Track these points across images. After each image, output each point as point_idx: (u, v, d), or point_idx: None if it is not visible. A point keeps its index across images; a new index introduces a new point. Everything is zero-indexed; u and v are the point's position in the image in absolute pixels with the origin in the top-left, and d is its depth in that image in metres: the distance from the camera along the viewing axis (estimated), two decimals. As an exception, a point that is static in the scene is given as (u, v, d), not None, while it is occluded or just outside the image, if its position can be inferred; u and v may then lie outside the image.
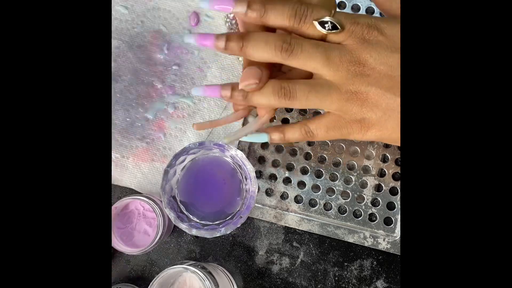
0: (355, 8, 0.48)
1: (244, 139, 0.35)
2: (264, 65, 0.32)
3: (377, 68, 0.30)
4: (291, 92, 0.31)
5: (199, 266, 0.38)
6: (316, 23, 0.30)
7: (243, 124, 0.46)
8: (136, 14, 0.48)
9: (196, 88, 0.33)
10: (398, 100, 0.30)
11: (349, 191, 0.46)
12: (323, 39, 0.31)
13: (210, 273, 0.38)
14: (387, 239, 0.45)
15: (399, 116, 0.31)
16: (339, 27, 0.30)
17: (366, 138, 0.32)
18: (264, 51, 0.30)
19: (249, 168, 0.40)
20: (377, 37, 0.30)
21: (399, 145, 0.33)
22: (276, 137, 0.34)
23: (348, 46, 0.31)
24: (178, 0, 0.48)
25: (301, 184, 0.46)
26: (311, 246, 0.46)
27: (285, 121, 0.47)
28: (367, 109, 0.31)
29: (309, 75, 0.33)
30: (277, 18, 0.30)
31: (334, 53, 0.30)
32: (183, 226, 0.40)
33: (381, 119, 0.31)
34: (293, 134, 0.34)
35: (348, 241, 0.45)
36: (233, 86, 0.32)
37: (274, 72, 0.34)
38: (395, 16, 0.33)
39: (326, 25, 0.30)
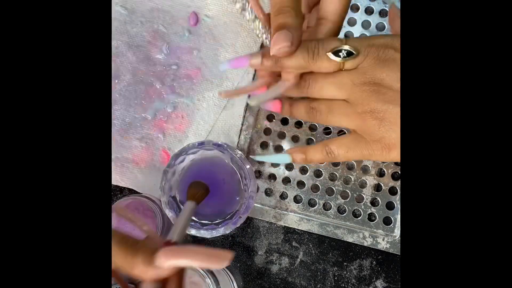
0: (354, 7, 0.48)
1: (265, 160, 0.34)
2: (296, 28, 0.30)
3: (394, 85, 0.30)
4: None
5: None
6: (329, 54, 0.30)
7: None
8: (135, 14, 0.49)
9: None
10: None
11: (348, 191, 0.46)
12: (340, 69, 0.31)
13: (210, 271, 0.38)
14: (387, 239, 0.45)
15: None
16: (354, 52, 0.30)
17: (391, 159, 0.32)
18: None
19: (249, 168, 0.40)
20: (393, 55, 0.30)
21: None
22: (298, 157, 0.34)
23: (362, 68, 0.30)
24: (177, 0, 0.48)
25: (301, 184, 0.46)
26: (311, 246, 0.46)
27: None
28: (385, 128, 0.30)
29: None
30: (291, 60, 0.30)
31: (345, 79, 0.31)
32: (182, 226, 0.40)
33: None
34: (314, 155, 0.33)
35: (348, 240, 0.45)
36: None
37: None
38: None
39: (340, 53, 0.30)
